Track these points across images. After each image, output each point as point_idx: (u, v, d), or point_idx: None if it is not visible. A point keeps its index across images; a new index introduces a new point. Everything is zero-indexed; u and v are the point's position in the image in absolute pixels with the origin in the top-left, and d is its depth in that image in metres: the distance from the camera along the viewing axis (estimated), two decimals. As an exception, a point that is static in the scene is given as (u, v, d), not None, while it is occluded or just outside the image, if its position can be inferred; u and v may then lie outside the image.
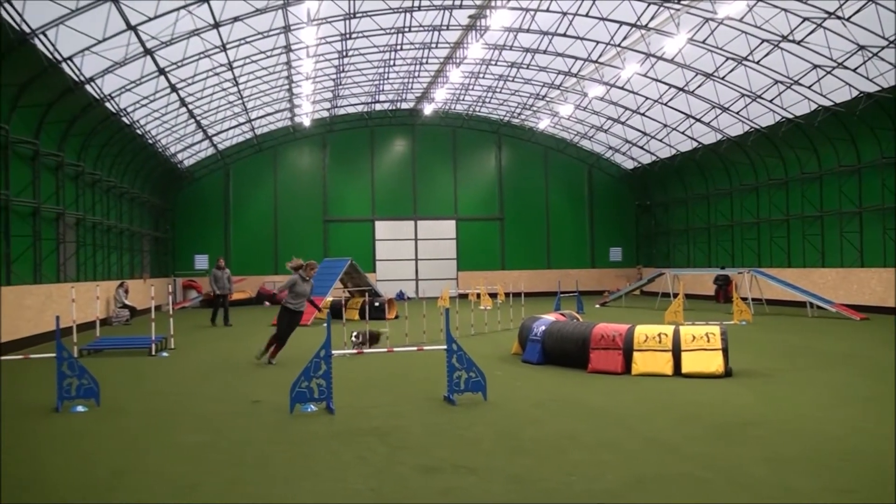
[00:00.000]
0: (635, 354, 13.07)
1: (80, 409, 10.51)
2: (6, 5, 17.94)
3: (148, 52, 24.05)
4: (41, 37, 19.93)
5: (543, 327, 14.76)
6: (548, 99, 39.37)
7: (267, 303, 15.01)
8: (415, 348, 12.30)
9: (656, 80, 32.34)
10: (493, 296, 33.26)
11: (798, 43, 24.63)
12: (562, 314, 16.53)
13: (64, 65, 21.84)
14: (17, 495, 6.63)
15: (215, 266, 26.62)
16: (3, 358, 12.56)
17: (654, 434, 8.56)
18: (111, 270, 30.51)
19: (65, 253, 24.90)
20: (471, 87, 39.57)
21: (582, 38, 29.87)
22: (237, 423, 9.58)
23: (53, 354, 10.56)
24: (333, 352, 10.15)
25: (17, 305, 18.91)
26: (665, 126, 36.92)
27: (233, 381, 13.20)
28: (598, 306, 31.81)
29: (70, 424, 9.66)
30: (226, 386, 12.73)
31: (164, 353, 17.38)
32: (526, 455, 7.68)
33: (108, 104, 26.20)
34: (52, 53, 20.94)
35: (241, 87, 32.76)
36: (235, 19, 24.62)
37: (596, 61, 31.86)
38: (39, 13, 19.22)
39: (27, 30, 19.25)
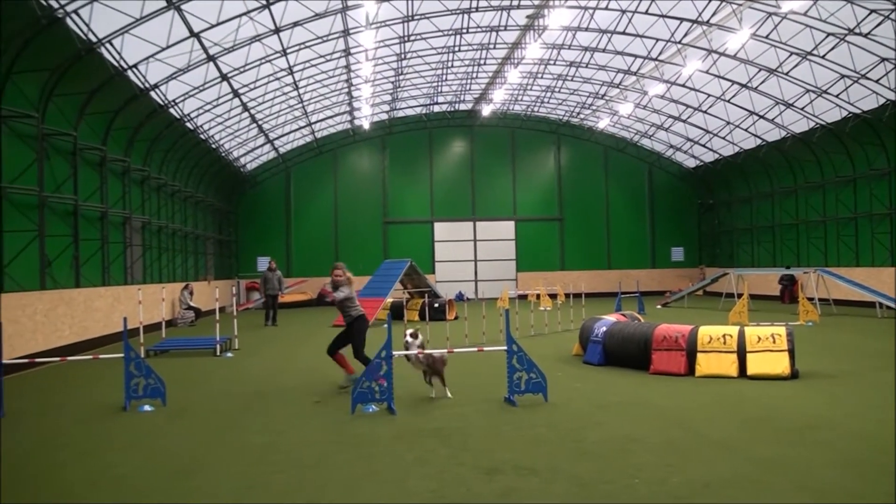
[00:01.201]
0: (699, 356, 12.84)
1: (147, 408, 10.71)
2: (74, 15, 18.39)
3: (210, 58, 24.45)
4: (107, 46, 20.40)
5: (604, 328, 14.60)
6: (607, 98, 39.01)
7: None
8: (475, 349, 12.25)
9: (718, 77, 31.78)
10: (553, 297, 33.06)
11: (865, 36, 23.96)
12: (623, 315, 16.34)
13: (129, 72, 22.32)
14: (87, 493, 6.76)
15: (267, 268, 27.12)
16: (71, 358, 12.88)
17: (720, 436, 8.38)
18: (176, 273, 31.09)
19: (132, 256, 25.46)
20: (529, 87, 39.43)
21: (641, 36, 29.52)
22: (299, 423, 9.64)
23: (121, 355, 10.79)
24: (394, 353, 10.18)
25: (86, 307, 19.37)
26: (728, 123, 36.26)
27: (295, 382, 13.32)
28: (659, 307, 31.37)
29: (138, 423, 9.85)
30: (288, 386, 12.85)
31: (229, 354, 17.63)
32: (589, 457, 7.58)
33: (171, 110, 26.72)
34: (117, 62, 21.42)
35: (302, 91, 33.10)
36: (295, 24, 24.88)
37: (656, 59, 31.46)
38: (105, 22, 19.67)
39: (94, 39, 19.72)
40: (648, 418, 9.43)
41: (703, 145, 40.66)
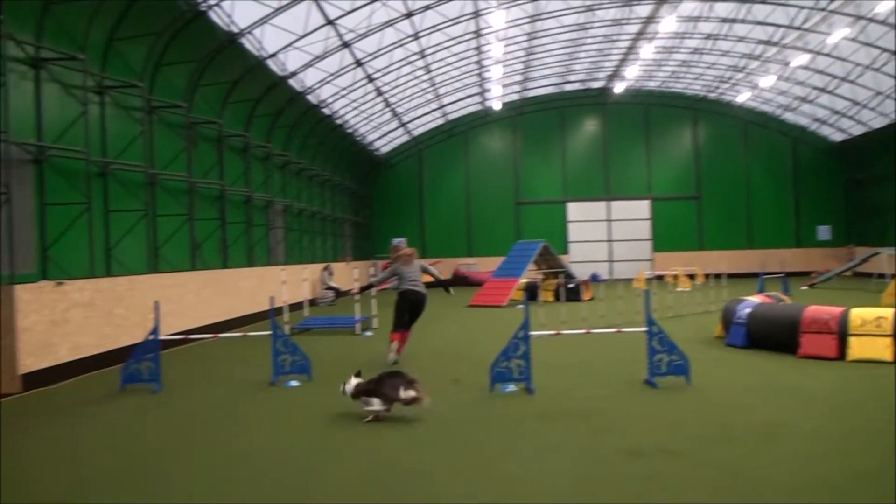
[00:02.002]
0: (851, 339, 12.25)
1: (293, 383, 11.12)
2: (216, 8, 19.16)
3: (345, 44, 25.00)
4: (248, 36, 21.16)
5: (748, 310, 14.13)
6: (747, 71, 37.57)
7: (451, 290, 14.33)
8: (612, 330, 12.10)
9: (867, 45, 30.06)
10: (691, 277, 32.25)
11: None
12: (767, 296, 15.78)
13: (269, 61, 23.10)
14: (239, 464, 7.10)
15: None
16: (222, 335, 13.50)
17: (874, 424, 7.97)
18: (316, 254, 32.08)
19: (274, 238, 26.42)
20: (664, 62, 38.42)
21: (784, 4, 28.27)
22: (438, 400, 9.73)
23: (268, 332, 11.23)
24: (531, 333, 10.18)
25: (233, 287, 20.24)
26: (878, 94, 34.26)
27: (433, 360, 13.51)
28: (804, 288, 30.08)
29: (284, 398, 10.24)
30: (426, 364, 13.03)
31: (368, 333, 18.05)
32: (735, 442, 7.36)
33: (309, 97, 27.49)
34: (258, 51, 22.19)
35: (433, 74, 33.41)
36: (427, 8, 25.11)
37: (799, 28, 30.03)
38: (246, 14, 20.40)
39: (235, 30, 20.48)
40: (797, 404, 9.07)
41: (851, 118, 38.62)
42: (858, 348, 12.14)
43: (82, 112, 14.43)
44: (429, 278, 13.83)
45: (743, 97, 41.38)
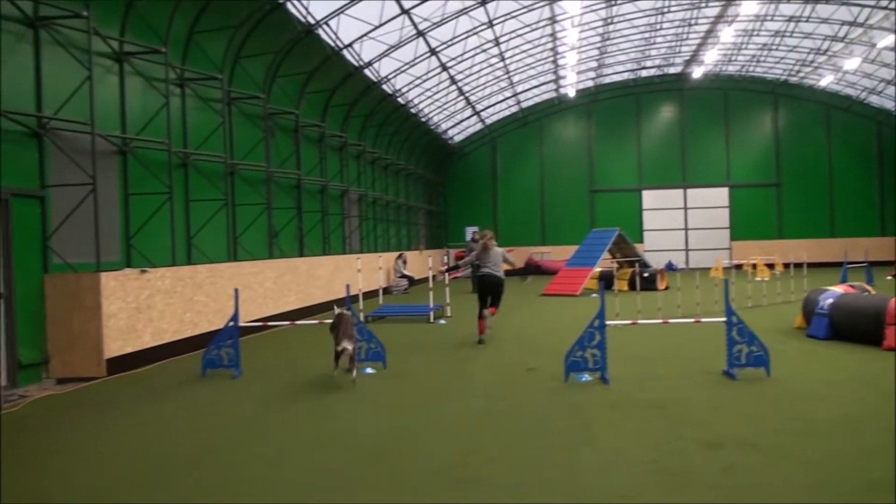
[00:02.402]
0: (939, 330, 11.82)
1: (369, 370, 11.23)
2: (294, 0, 19.38)
3: (420, 33, 25.03)
4: (324, 27, 21.34)
5: (831, 300, 13.71)
6: (830, 53, 36.35)
7: (529, 277, 14.93)
8: (689, 320, 11.88)
9: (961, 25, 28.87)
10: (770, 266, 31.46)
11: None
12: (851, 286, 15.29)
13: (345, 52, 23.28)
14: (317, 449, 7.19)
15: (471, 238, 27.72)
16: (299, 322, 13.71)
17: (968, 417, 7.68)
18: (390, 242, 32.32)
19: (349, 227, 26.69)
20: (744, 45, 37.46)
21: (871, -15, 27.30)
22: (514, 389, 9.77)
23: (344, 320, 11.34)
24: (607, 322, 10.07)
25: (309, 275, 20.51)
26: (972, 75, 32.89)
27: (507, 349, 13.50)
28: (889, 278, 29.07)
29: (361, 384, 10.32)
30: (501, 353, 13.04)
31: (442, 321, 18.12)
32: (817, 436, 7.15)
33: (384, 86, 27.63)
34: (334, 42, 22.38)
35: (507, 61, 33.24)
36: (502, -5, 24.98)
37: (887, 7, 28.94)
38: (322, 5, 20.59)
39: (312, 21, 20.68)
40: (881, 397, 8.76)
41: (942, 101, 37.15)
42: (949, 341, 11.69)
43: (164, 104, 14.75)
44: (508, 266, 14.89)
45: (825, 80, 40.04)
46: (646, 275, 25.03)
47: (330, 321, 10.96)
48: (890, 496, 5.49)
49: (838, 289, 14.59)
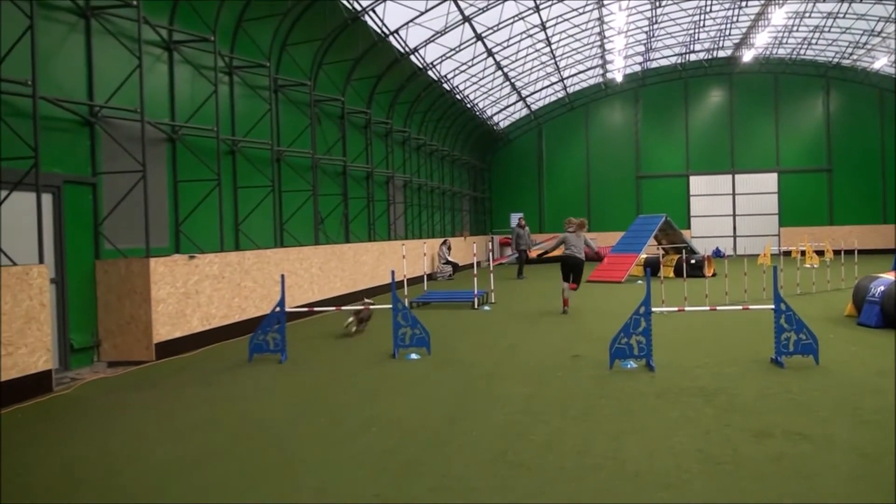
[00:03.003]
0: None
1: (413, 356, 11.25)
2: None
3: (466, 19, 24.93)
4: (371, 14, 21.35)
5: (883, 287, 13.39)
6: (884, 35, 35.41)
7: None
8: (737, 307, 11.69)
9: None
10: (820, 253, 30.90)
11: None
12: (904, 273, 14.93)
13: (391, 38, 23.26)
14: (364, 429, 7.23)
15: (517, 224, 27.74)
16: (344, 308, 13.79)
17: None
18: (434, 229, 32.33)
19: (394, 213, 26.75)
20: (795, 28, 36.65)
21: (928, -36, 26.53)
22: (559, 376, 9.72)
23: (389, 305, 11.39)
24: (653, 309, 9.96)
25: (354, 261, 20.61)
26: None
27: (551, 335, 13.44)
28: (944, 264, 28.38)
29: (406, 370, 10.38)
30: (545, 340, 12.99)
31: (486, 308, 18.10)
32: (868, 427, 6.98)
33: (430, 72, 27.58)
34: (380, 28, 22.38)
35: (554, 46, 32.97)
36: (548, -21, 24.75)
37: (945, -11, 28.16)
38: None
39: (359, 8, 20.70)
40: (938, 386, 8.57)
41: None
42: None
43: (212, 92, 14.89)
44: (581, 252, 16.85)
45: (879, 63, 39.03)
46: (693, 261, 24.73)
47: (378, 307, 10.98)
48: (945, 488, 5.36)
49: (890, 276, 14.25)
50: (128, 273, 11.74)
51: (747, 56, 39.27)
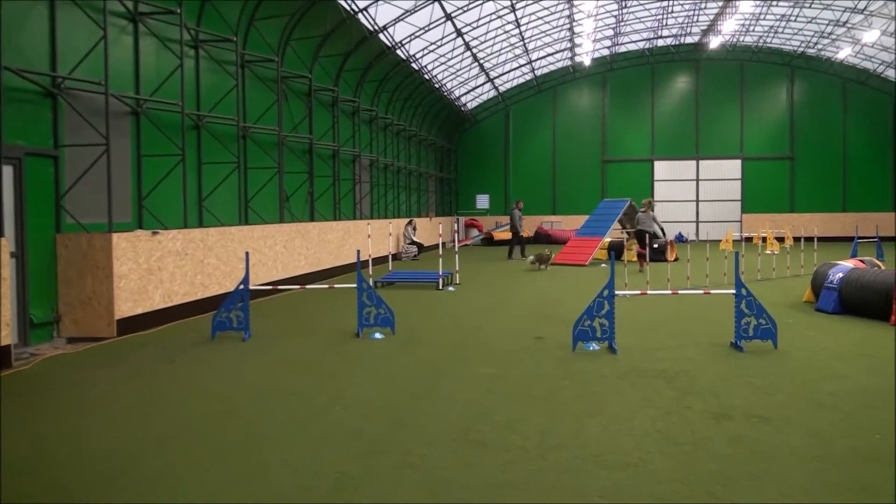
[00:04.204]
0: (950, 307, 11.77)
1: (377, 335, 11.27)
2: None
3: (436, -2, 24.81)
4: (339, -11, 21.18)
5: (840, 274, 13.66)
6: (849, 25, 35.86)
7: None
8: (698, 291, 11.87)
9: (983, -1, 28.41)
10: (780, 240, 31.34)
11: None
12: (861, 261, 15.23)
13: (360, 15, 23.09)
14: (332, 410, 7.25)
15: (514, 206, 28.58)
16: (309, 286, 13.74)
17: (976, 394, 7.67)
18: (400, 209, 32.29)
19: (360, 192, 26.66)
20: (762, 16, 36.96)
21: (893, -43, 26.86)
22: (523, 357, 9.80)
23: (354, 285, 11.38)
24: (616, 292, 10.06)
25: (319, 240, 20.54)
26: None
27: (515, 317, 13.54)
28: (901, 253, 28.98)
29: (370, 349, 10.40)
30: (509, 321, 13.08)
31: (451, 288, 18.16)
32: (825, 409, 7.15)
33: (398, 51, 27.44)
34: (349, 5, 22.20)
35: (523, 28, 32.95)
36: (518, -40, 24.69)
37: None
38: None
39: (327, -17, 20.52)
40: (889, 373, 8.76)
41: (960, 76, 36.64)
42: (959, 318, 11.65)
43: (178, 65, 14.70)
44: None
45: (843, 53, 39.53)
46: (655, 245, 24.97)
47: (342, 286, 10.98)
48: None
49: (848, 263, 14.54)
50: (89, 248, 11.59)
51: (714, 43, 39.56)
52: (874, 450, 5.97)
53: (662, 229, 23.39)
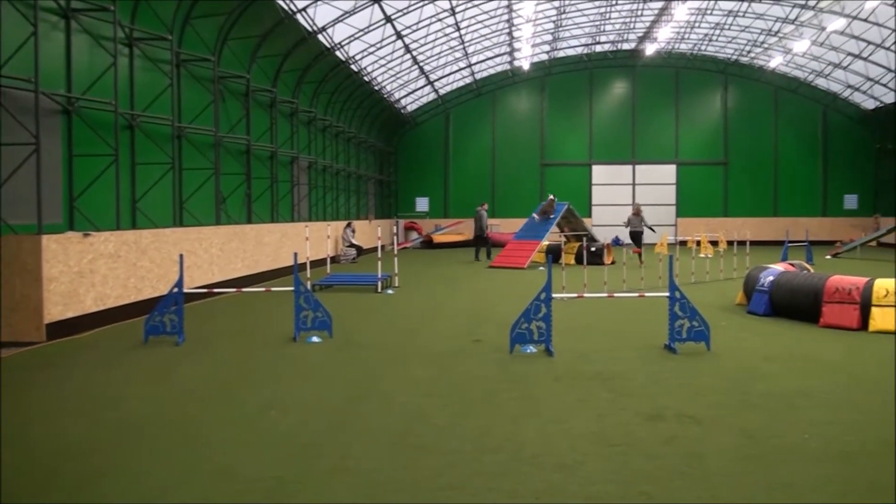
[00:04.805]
0: (874, 310, 12.15)
1: (315, 339, 11.21)
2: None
3: (376, 0, 24.76)
4: (278, -11, 21.02)
5: (771, 278, 14.05)
6: (781, 35, 36.86)
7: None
8: (633, 295, 12.08)
9: (907, 11, 29.41)
10: (714, 244, 32.03)
11: None
12: (791, 264, 15.68)
13: (299, 16, 22.95)
14: (264, 412, 7.21)
15: (480, 207, 29.45)
16: (246, 290, 13.62)
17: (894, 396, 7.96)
18: (339, 211, 32.16)
19: (298, 194, 26.48)
20: (697, 24, 37.73)
21: (822, -32, 27.65)
22: (461, 360, 9.85)
23: (291, 288, 11.31)
24: (553, 295, 10.17)
25: (256, 242, 20.36)
26: (915, 61, 33.54)
27: (453, 320, 13.60)
28: (829, 257, 29.87)
29: (308, 353, 10.35)
30: (447, 324, 13.13)
31: (389, 291, 18.15)
32: (755, 409, 7.36)
33: (338, 52, 27.34)
34: (287, 5, 22.05)
35: (463, 31, 33.10)
36: (458, -36, 24.80)
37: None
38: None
39: (265, -17, 20.35)
40: (819, 373, 9.06)
41: (885, 85, 37.86)
42: (881, 319, 12.05)
43: (111, 64, 14.44)
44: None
45: (775, 62, 40.60)
46: (593, 249, 25.32)
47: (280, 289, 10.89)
48: (824, 467, 5.69)
49: (779, 267, 14.95)
50: (18, 250, 11.30)
51: (650, 50, 40.26)
52: (802, 449, 6.16)
53: (651, 228, 27.79)
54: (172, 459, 5.93)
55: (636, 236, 26.93)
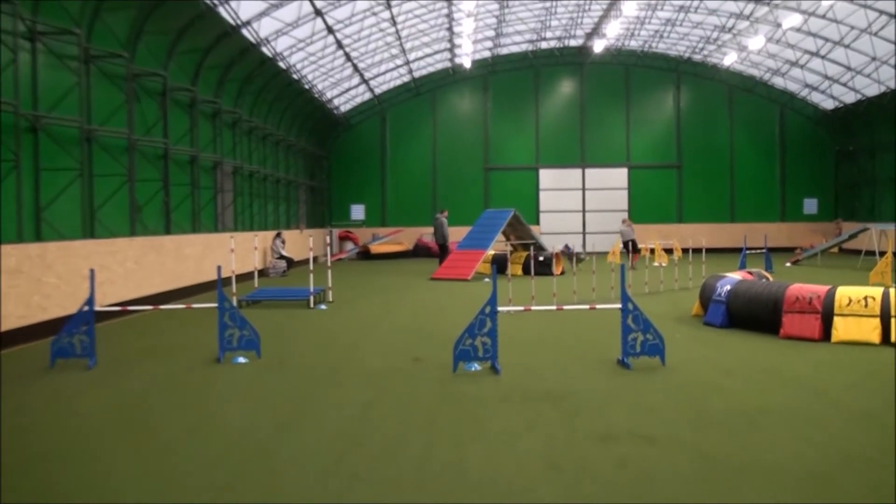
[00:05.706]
0: (836, 319, 12.41)
1: (241, 360, 11.05)
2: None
3: (304, -9, 24.64)
4: (198, -21, 20.77)
5: (728, 287, 14.26)
6: (735, 31, 37.60)
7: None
8: (584, 307, 12.15)
9: (865, 7, 30.25)
10: (669, 251, 32.49)
11: None
12: (749, 273, 15.94)
13: (221, 9, 22.70)
14: (187, 445, 7.05)
15: (440, 212, 29.65)
16: (164, 307, 13.37)
17: (862, 409, 8.11)
18: (268, 220, 31.84)
19: (222, 202, 26.15)
20: (647, 20, 38.28)
21: (776, -39, 28.33)
22: (400, 380, 9.80)
23: (214, 304, 11.13)
24: (499, 308, 10.18)
25: (176, 255, 20.04)
26: (873, 59, 34.49)
27: (392, 337, 13.54)
28: (789, 265, 30.51)
29: (233, 375, 10.19)
30: (386, 341, 13.06)
31: (323, 306, 18.01)
32: (713, 427, 7.44)
33: (264, 48, 27.10)
34: (208, -3, 21.82)
35: (399, 27, 33.10)
36: (394, -46, 24.81)
37: (792, -13, 30.15)
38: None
39: (184, -27, 20.09)
40: (779, 387, 9.20)
41: (844, 84, 38.88)
42: (844, 329, 12.30)
43: (11, 60, 14.09)
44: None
45: (729, 60, 41.34)
46: (541, 258, 25.45)
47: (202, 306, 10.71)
48: (787, 489, 5.76)
49: (736, 275, 15.19)
50: None
51: (599, 47, 40.70)
52: (761, 468, 6.23)
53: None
54: (84, 492, 5.77)
55: (627, 245, 29.65)
